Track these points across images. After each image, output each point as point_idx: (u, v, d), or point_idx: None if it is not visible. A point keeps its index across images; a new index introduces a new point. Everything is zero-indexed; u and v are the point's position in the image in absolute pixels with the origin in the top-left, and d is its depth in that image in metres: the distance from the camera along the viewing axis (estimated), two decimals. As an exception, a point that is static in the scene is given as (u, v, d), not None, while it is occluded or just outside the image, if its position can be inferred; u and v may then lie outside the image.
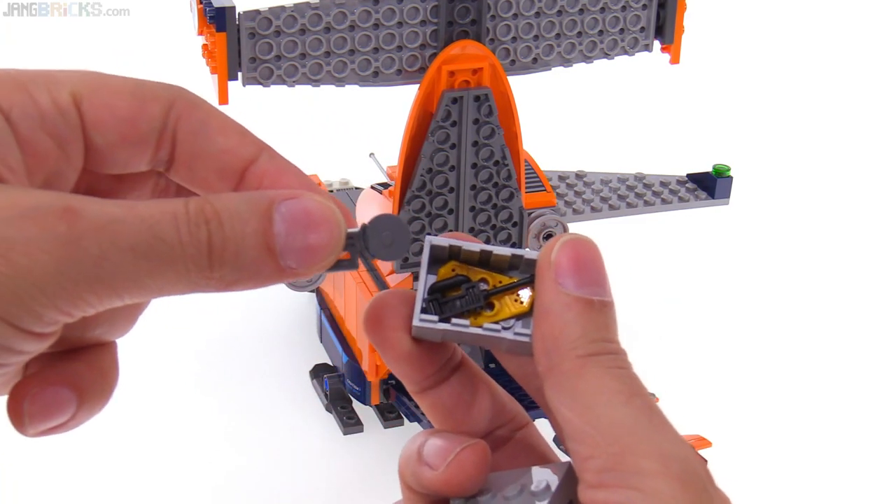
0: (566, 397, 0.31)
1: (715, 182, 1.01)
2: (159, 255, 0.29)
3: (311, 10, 0.78)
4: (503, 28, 0.82)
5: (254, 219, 0.30)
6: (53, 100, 0.31)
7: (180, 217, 0.29)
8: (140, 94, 0.31)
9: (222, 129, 0.32)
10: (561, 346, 0.31)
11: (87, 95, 0.31)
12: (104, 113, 0.31)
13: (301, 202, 0.30)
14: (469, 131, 0.82)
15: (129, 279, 0.28)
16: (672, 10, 0.87)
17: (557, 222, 0.93)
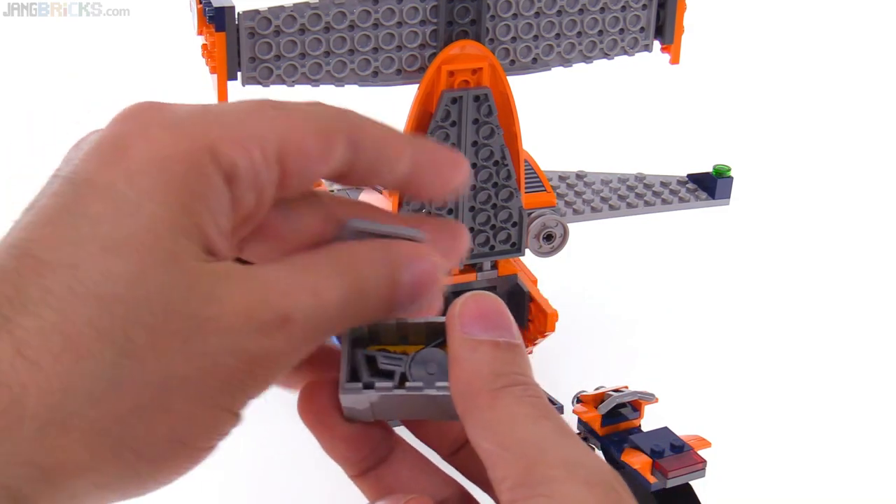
0: (482, 431, 0.32)
1: (715, 182, 1.01)
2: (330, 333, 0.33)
3: (311, 9, 0.78)
4: (503, 28, 0.82)
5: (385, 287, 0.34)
6: (265, 158, 0.32)
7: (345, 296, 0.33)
8: (326, 132, 0.33)
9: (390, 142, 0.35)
10: (473, 385, 0.32)
11: (287, 145, 0.32)
12: (299, 160, 0.32)
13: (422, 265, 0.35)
14: (468, 131, 0.82)
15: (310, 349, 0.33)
16: (672, 11, 0.87)
17: (557, 222, 0.93)
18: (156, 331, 0.29)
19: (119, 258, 0.29)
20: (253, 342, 0.30)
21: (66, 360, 0.28)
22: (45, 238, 0.29)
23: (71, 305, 0.28)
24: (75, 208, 0.29)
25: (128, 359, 0.28)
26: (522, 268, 0.94)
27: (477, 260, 0.88)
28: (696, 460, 0.82)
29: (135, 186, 0.30)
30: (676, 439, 0.83)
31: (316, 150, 0.33)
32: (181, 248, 0.30)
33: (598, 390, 0.88)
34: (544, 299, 0.90)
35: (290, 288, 0.31)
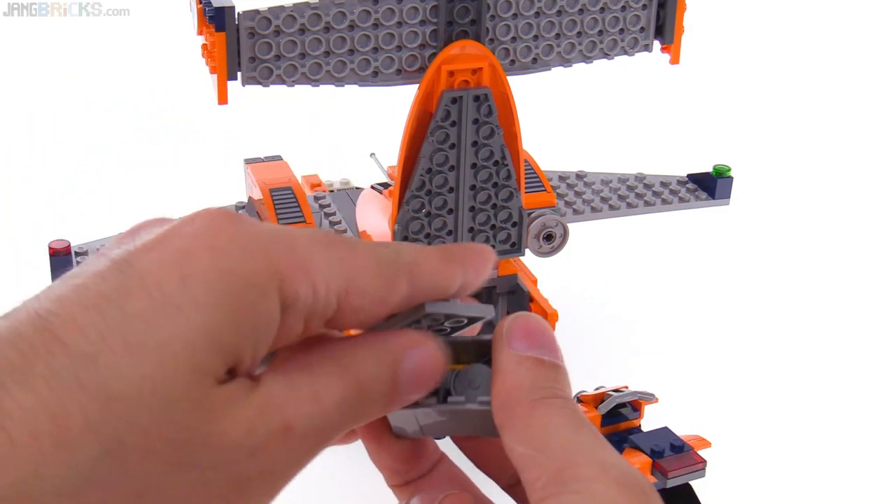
0: (518, 435, 0.33)
1: (715, 182, 1.01)
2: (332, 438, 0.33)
3: (311, 9, 0.78)
4: (503, 28, 0.82)
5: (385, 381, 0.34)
6: (326, 293, 0.31)
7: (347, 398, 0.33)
8: (388, 276, 0.33)
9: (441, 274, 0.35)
10: (514, 396, 0.33)
11: (349, 287, 0.32)
12: (359, 300, 0.32)
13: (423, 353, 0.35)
14: (468, 131, 0.82)
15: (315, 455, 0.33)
16: (672, 10, 0.87)
17: (557, 222, 0.93)
18: (149, 436, 0.28)
19: (138, 360, 0.28)
20: (248, 463, 0.30)
21: (46, 444, 0.27)
22: (72, 319, 0.28)
23: (71, 394, 0.27)
24: (116, 299, 0.28)
25: (112, 459, 0.27)
26: (522, 268, 0.94)
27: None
28: (696, 460, 0.82)
29: (187, 291, 0.29)
30: (676, 439, 0.83)
31: (377, 293, 0.33)
32: (208, 365, 0.29)
33: (598, 390, 0.88)
34: (544, 299, 0.90)
35: (289, 397, 0.31)
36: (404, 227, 0.85)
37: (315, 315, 0.32)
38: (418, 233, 0.85)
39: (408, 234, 0.85)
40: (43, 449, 0.27)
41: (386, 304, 0.33)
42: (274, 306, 0.30)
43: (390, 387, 0.34)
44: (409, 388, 0.34)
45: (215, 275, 0.29)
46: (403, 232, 0.85)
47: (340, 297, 0.32)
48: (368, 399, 0.33)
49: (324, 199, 0.99)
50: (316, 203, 0.97)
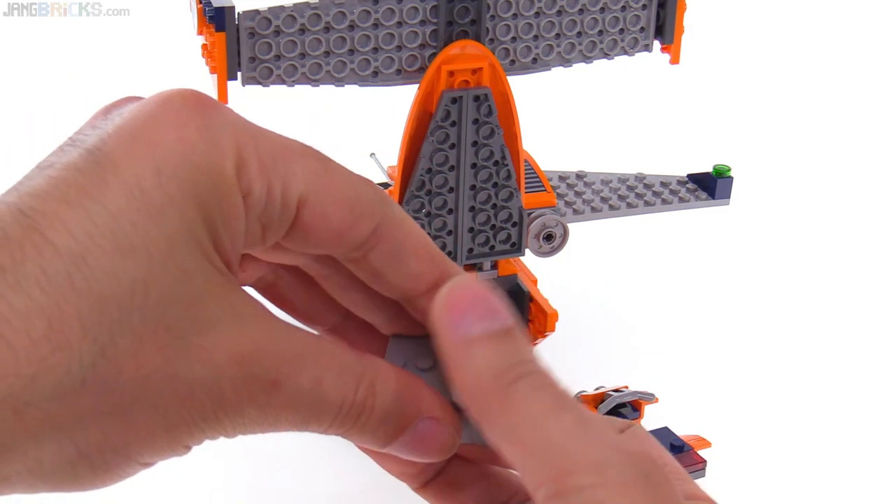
0: (499, 434, 0.30)
1: (715, 182, 1.01)
2: (310, 425, 0.32)
3: (311, 9, 0.78)
4: (503, 28, 0.82)
5: (392, 427, 0.33)
6: (284, 195, 0.31)
7: (346, 405, 0.32)
8: (357, 210, 0.32)
9: (416, 252, 0.33)
10: (480, 390, 0.30)
11: (312, 200, 0.31)
12: (319, 221, 0.31)
13: (438, 429, 0.33)
14: (468, 131, 0.82)
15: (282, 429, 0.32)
16: (672, 11, 0.87)
17: (557, 222, 0.93)
18: (143, 341, 0.28)
19: (129, 262, 0.28)
20: (232, 391, 0.29)
21: (43, 348, 0.27)
22: (58, 218, 0.28)
23: (65, 295, 0.27)
24: (96, 194, 0.28)
25: (106, 362, 0.28)
26: (522, 268, 0.94)
27: (477, 260, 0.88)
28: (696, 460, 0.82)
29: (162, 188, 0.29)
30: (676, 439, 0.83)
31: (338, 221, 0.32)
32: (194, 265, 0.29)
33: (598, 390, 0.88)
34: (544, 299, 0.90)
35: (296, 361, 0.31)
36: (404, 227, 0.85)
37: (272, 221, 0.31)
38: (418, 233, 0.85)
39: (408, 234, 0.85)
40: (42, 354, 0.27)
41: (343, 236, 0.32)
42: (239, 203, 0.30)
43: (392, 432, 0.33)
44: (406, 447, 0.33)
45: (184, 169, 0.29)
46: (403, 232, 0.85)
47: (299, 210, 0.31)
48: (364, 424, 0.32)
49: (324, 199, 0.98)
50: (316, 203, 0.97)
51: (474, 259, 0.88)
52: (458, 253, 0.87)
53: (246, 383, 0.30)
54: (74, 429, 0.28)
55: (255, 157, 0.30)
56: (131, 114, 0.30)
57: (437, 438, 0.33)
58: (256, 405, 0.30)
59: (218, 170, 0.30)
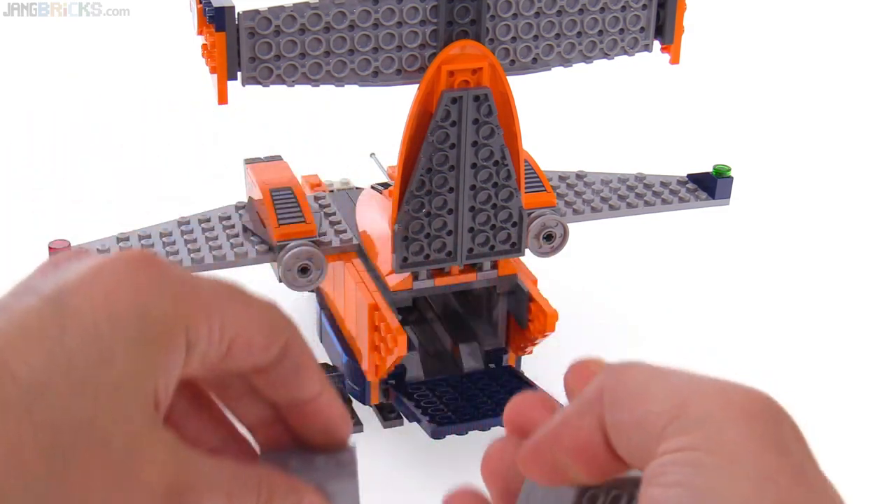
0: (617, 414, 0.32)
1: (715, 182, 1.01)
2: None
3: (311, 9, 0.78)
4: (503, 28, 0.82)
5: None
6: (220, 339, 0.35)
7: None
8: (272, 334, 0.37)
9: (311, 365, 0.38)
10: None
11: (240, 335, 0.36)
12: (245, 349, 0.36)
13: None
14: (468, 131, 0.82)
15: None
16: (672, 11, 0.87)
17: (557, 222, 0.93)
18: (90, 467, 0.31)
19: (80, 400, 0.31)
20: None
21: (3, 468, 0.30)
22: (19, 352, 0.31)
23: (23, 424, 0.30)
24: (54, 334, 0.31)
25: (58, 484, 0.30)
26: (522, 268, 0.94)
27: (477, 260, 0.88)
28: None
29: (116, 332, 0.32)
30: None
31: (258, 346, 0.36)
32: (134, 409, 0.32)
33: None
34: (544, 299, 0.90)
35: (212, 483, 0.35)
36: (404, 227, 0.85)
37: (209, 357, 0.35)
38: (418, 233, 0.85)
39: (408, 234, 0.85)
40: (4, 472, 0.30)
41: (263, 356, 0.37)
42: (182, 349, 0.34)
43: None
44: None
45: (138, 319, 0.33)
46: (403, 232, 0.85)
47: (231, 345, 0.35)
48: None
49: (324, 199, 0.99)
50: (316, 203, 0.97)
51: (474, 259, 0.88)
52: (458, 253, 0.87)
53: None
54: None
55: (201, 311, 0.34)
56: (87, 266, 0.34)
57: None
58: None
59: (168, 322, 0.33)
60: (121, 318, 0.32)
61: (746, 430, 0.29)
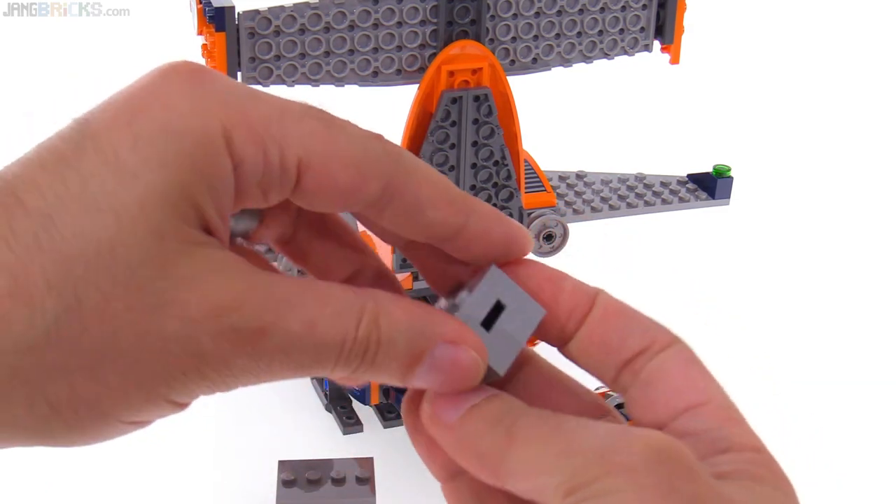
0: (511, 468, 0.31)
1: (715, 182, 1.01)
2: (313, 369, 0.31)
3: (311, 9, 0.78)
4: (503, 28, 0.82)
5: (406, 358, 0.31)
6: (281, 160, 0.30)
7: (347, 343, 0.30)
8: (364, 169, 0.31)
9: (434, 202, 0.32)
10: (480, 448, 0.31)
11: (315, 162, 0.31)
12: (324, 183, 0.31)
13: (457, 353, 0.32)
14: (468, 131, 0.82)
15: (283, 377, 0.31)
16: (672, 11, 0.87)
17: (557, 222, 0.93)
18: (110, 299, 0.28)
19: (96, 222, 0.28)
20: (211, 344, 0.29)
21: (6, 304, 0.27)
22: (33, 181, 0.29)
23: (30, 253, 0.28)
24: (72, 160, 0.29)
25: (70, 318, 0.28)
26: (522, 268, 0.94)
27: (477, 260, 0.88)
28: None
29: (138, 153, 0.29)
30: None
31: (345, 182, 0.31)
32: (168, 226, 0.29)
33: (599, 390, 0.88)
34: (544, 299, 0.90)
35: (283, 306, 0.30)
36: (404, 227, 0.85)
37: (272, 185, 0.31)
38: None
39: (408, 234, 0.85)
40: (3, 308, 0.27)
41: (351, 197, 0.31)
42: (225, 164, 0.30)
43: (406, 363, 0.31)
44: (423, 381, 0.32)
45: (165, 135, 0.29)
46: (403, 232, 0.85)
47: (301, 173, 0.31)
48: (371, 364, 0.31)
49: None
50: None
51: (474, 259, 0.88)
52: (458, 253, 0.87)
53: (226, 335, 0.29)
54: (42, 383, 0.28)
55: (247, 123, 0.30)
56: (125, 88, 0.31)
57: (456, 363, 0.31)
58: (244, 355, 0.29)
59: (202, 135, 0.29)
60: (146, 138, 0.29)
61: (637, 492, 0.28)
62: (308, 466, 0.84)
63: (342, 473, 0.83)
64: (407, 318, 0.31)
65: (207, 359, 0.29)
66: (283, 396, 1.01)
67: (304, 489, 0.82)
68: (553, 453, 0.30)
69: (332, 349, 0.30)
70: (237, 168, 0.30)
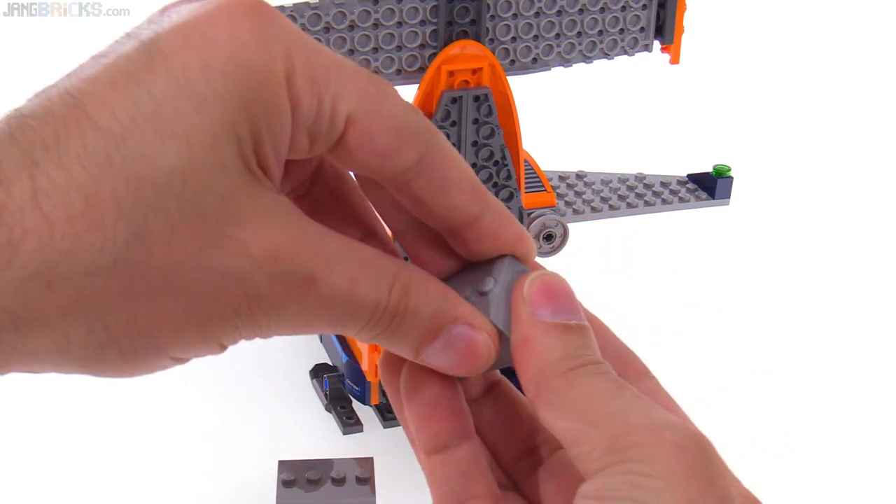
0: (558, 409, 0.31)
1: (715, 182, 1.01)
2: (346, 326, 0.32)
3: (311, 10, 0.78)
4: (503, 28, 0.82)
5: (426, 331, 0.33)
6: (332, 111, 0.31)
7: (381, 305, 0.32)
8: (404, 136, 0.32)
9: (459, 185, 0.33)
10: (546, 369, 0.32)
11: (360, 119, 0.31)
12: (365, 141, 0.31)
13: (473, 335, 0.33)
14: (468, 131, 0.82)
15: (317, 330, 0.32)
16: (672, 11, 0.87)
17: (557, 222, 0.93)
18: (177, 228, 0.28)
19: (169, 146, 0.28)
20: (268, 286, 0.30)
21: (79, 225, 0.27)
22: (104, 99, 0.28)
23: (103, 174, 0.27)
24: (143, 81, 0.29)
25: (139, 244, 0.28)
26: (522, 268, 0.94)
27: (477, 260, 0.88)
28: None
29: (209, 83, 0.29)
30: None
31: (384, 144, 0.32)
32: (234, 161, 0.29)
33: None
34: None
35: (331, 259, 0.31)
36: (404, 227, 0.85)
37: (319, 135, 0.31)
38: (418, 233, 0.85)
39: (408, 234, 0.85)
40: (77, 230, 0.27)
41: (387, 159, 0.32)
42: (285, 107, 0.30)
43: (422, 335, 0.33)
44: (435, 356, 0.33)
45: (233, 67, 0.29)
46: (403, 232, 0.85)
47: (347, 128, 0.31)
48: (395, 331, 0.32)
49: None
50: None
51: (474, 259, 0.88)
52: (458, 253, 0.87)
53: (282, 279, 0.30)
54: (104, 308, 0.28)
55: (307, 68, 0.30)
56: (188, 12, 0.30)
57: (471, 345, 0.33)
58: (293, 302, 0.30)
59: (267, 73, 0.29)
60: (215, 68, 0.29)
61: (676, 461, 0.29)
62: (308, 466, 0.84)
63: (342, 473, 0.83)
64: (434, 292, 0.33)
65: (262, 301, 0.30)
66: (283, 396, 1.01)
67: (304, 489, 0.82)
68: (614, 407, 0.31)
69: (366, 309, 0.31)
70: (295, 111, 0.30)
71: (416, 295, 0.32)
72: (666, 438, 0.29)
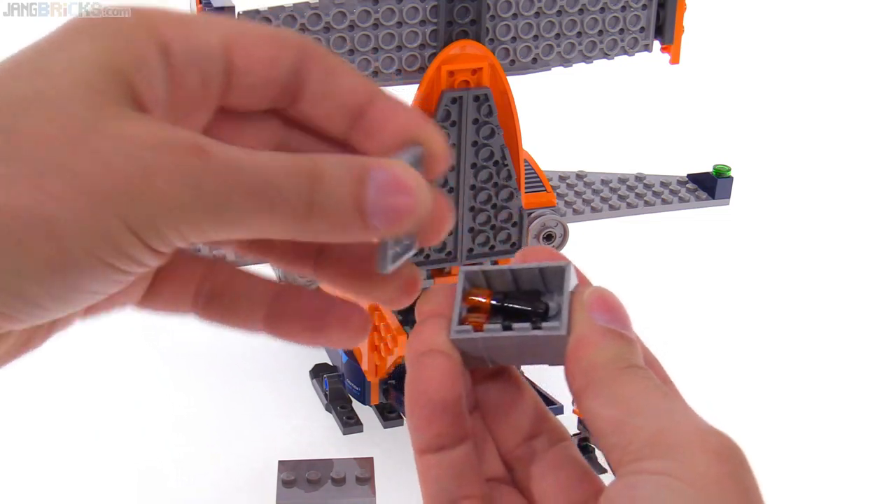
0: (606, 399, 0.33)
1: (715, 182, 1.01)
2: (270, 201, 0.31)
3: (311, 9, 0.78)
4: (503, 28, 0.82)
5: (351, 182, 0.32)
6: (206, 41, 0.33)
7: (290, 171, 0.31)
8: (277, 41, 0.34)
9: (347, 72, 0.35)
10: (597, 363, 0.34)
11: (235, 39, 0.33)
12: (246, 57, 0.33)
13: (393, 169, 0.32)
14: (469, 131, 0.82)
15: (241, 217, 0.31)
16: (672, 11, 0.87)
17: (557, 222, 0.93)
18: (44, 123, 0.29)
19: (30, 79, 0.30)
20: (152, 154, 0.29)
21: None
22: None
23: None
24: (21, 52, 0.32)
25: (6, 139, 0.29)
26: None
27: (477, 260, 0.88)
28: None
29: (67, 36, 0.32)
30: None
31: (264, 53, 0.33)
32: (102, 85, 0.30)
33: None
34: (544, 299, 0.90)
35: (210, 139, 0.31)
36: (404, 227, 0.85)
37: (206, 69, 0.33)
38: (418, 233, 0.85)
39: (408, 234, 0.85)
40: None
41: (274, 67, 0.33)
42: (150, 48, 0.32)
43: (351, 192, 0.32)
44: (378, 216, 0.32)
45: (90, 24, 0.32)
46: (403, 232, 0.85)
47: (228, 54, 0.33)
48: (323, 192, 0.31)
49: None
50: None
51: (474, 259, 0.88)
52: (458, 252, 0.87)
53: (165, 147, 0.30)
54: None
55: (170, 18, 0.33)
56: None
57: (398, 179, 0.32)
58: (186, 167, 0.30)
59: (125, 24, 0.32)
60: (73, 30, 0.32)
61: (716, 468, 0.30)
62: (308, 466, 0.84)
63: (342, 473, 0.83)
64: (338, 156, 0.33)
65: (153, 169, 0.29)
66: (284, 396, 1.01)
67: (304, 489, 0.82)
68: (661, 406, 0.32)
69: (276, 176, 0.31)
70: (167, 52, 0.32)
71: (321, 158, 0.32)
72: (710, 444, 0.31)
